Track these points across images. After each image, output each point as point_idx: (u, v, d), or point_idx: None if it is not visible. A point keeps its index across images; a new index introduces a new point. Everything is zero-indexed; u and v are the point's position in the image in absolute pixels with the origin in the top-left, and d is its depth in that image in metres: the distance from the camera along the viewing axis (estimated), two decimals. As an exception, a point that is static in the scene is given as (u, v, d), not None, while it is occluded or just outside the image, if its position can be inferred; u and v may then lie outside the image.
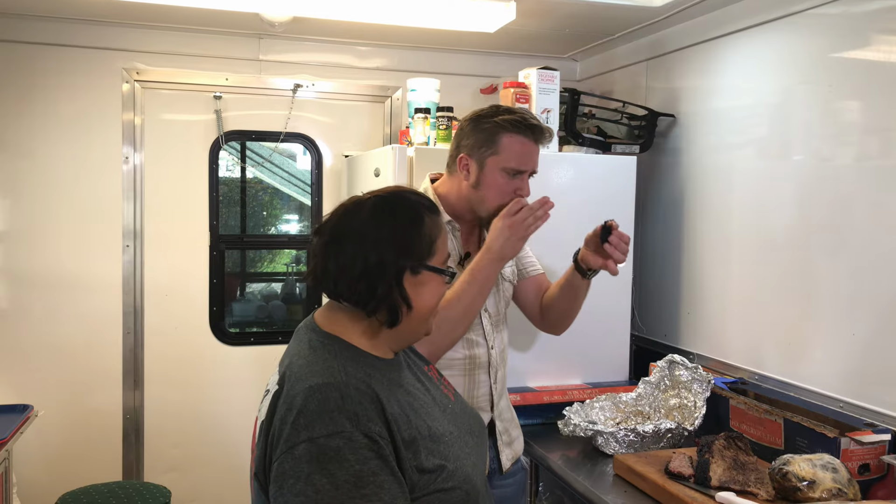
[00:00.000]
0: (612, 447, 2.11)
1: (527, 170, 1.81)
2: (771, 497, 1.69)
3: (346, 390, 1.08)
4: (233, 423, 3.23)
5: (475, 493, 1.18)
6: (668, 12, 2.61)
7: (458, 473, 1.16)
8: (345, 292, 1.18)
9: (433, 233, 1.22)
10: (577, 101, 2.76)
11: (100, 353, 3.08)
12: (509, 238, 1.72)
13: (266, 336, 3.41)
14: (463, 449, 1.22)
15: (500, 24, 2.68)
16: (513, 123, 1.78)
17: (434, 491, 1.12)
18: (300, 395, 1.08)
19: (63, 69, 2.98)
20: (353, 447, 1.03)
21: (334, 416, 1.04)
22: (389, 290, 1.17)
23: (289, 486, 1.02)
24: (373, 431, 1.05)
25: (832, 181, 2.11)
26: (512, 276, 2.00)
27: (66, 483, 2.84)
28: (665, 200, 2.86)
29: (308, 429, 1.04)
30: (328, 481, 1.00)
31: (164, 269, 3.16)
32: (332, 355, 1.15)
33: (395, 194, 1.25)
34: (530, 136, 1.78)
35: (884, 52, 1.96)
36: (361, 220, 1.19)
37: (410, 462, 1.10)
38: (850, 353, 2.05)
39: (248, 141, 3.32)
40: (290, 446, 1.04)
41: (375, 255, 1.16)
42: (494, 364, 1.90)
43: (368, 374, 1.14)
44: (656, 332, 2.91)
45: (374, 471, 1.03)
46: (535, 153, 1.82)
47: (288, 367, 1.17)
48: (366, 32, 3.09)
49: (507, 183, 1.79)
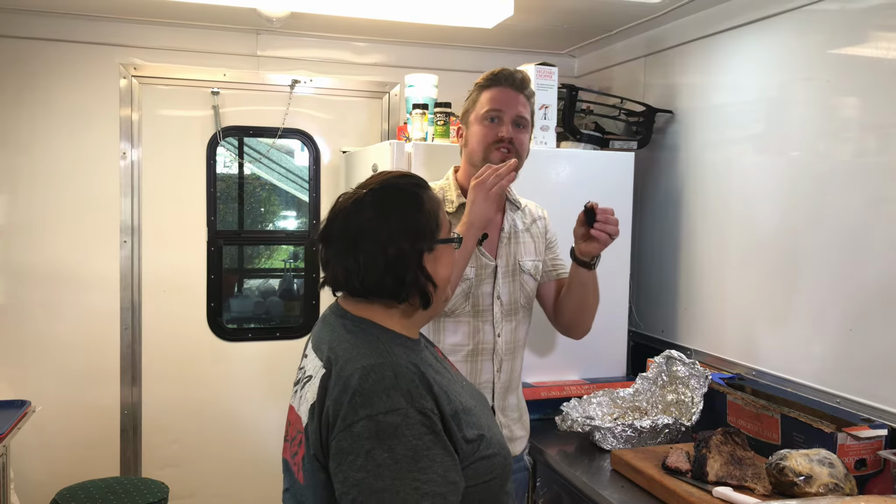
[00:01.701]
0: (609, 442, 2.11)
1: (502, 110, 1.84)
2: (768, 492, 1.70)
3: (399, 369, 1.13)
4: (231, 418, 3.24)
5: (510, 457, 1.27)
6: (666, 8, 2.61)
7: (494, 441, 1.22)
8: (374, 289, 1.22)
9: (433, 207, 1.27)
10: (574, 97, 2.76)
11: (97, 349, 3.07)
12: (475, 200, 1.77)
13: (264, 332, 3.41)
14: (489, 419, 1.29)
15: (498, 19, 2.68)
16: (485, 80, 1.89)
17: (479, 459, 1.17)
18: (355, 375, 1.11)
19: (60, 65, 2.97)
20: (409, 423, 1.08)
21: (391, 394, 1.09)
22: (416, 276, 1.22)
23: (349, 462, 1.07)
24: (426, 408, 1.10)
25: (830, 177, 2.11)
26: (533, 271, 1.98)
27: (64, 479, 2.85)
28: (663, 196, 2.87)
29: (366, 406, 1.08)
30: (389, 456, 1.05)
31: (161, 265, 3.16)
32: (375, 337, 1.20)
33: (388, 183, 1.27)
34: (502, 84, 1.85)
35: (882, 49, 1.96)
36: (369, 217, 1.21)
37: (457, 434, 1.15)
38: (847, 349, 2.05)
39: (246, 137, 3.31)
40: (348, 424, 1.08)
41: (394, 247, 1.20)
42: (500, 353, 1.90)
43: (409, 355, 1.19)
44: (654, 327, 2.91)
45: (428, 445, 1.08)
46: (512, 98, 1.86)
47: (331, 351, 1.20)
48: (364, 28, 3.09)
49: (488, 128, 1.85)
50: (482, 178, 1.77)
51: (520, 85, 1.86)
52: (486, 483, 1.19)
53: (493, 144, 1.83)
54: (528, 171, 2.46)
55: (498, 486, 1.22)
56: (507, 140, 1.82)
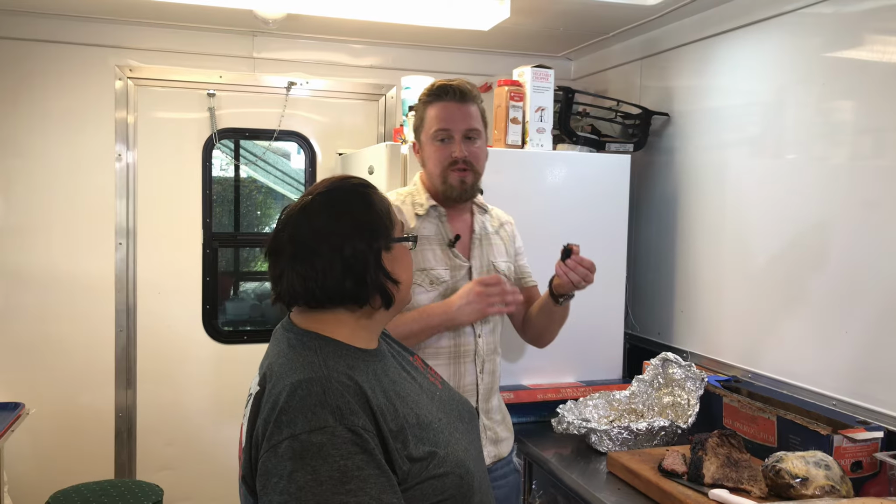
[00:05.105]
0: (605, 445, 2.11)
1: (451, 128, 1.83)
2: (764, 494, 1.70)
3: (329, 384, 1.07)
4: (225, 421, 3.23)
5: (469, 476, 1.17)
6: (661, 11, 2.61)
7: (449, 458, 1.15)
8: (335, 295, 1.17)
9: (384, 206, 1.24)
10: (571, 100, 2.76)
11: (92, 351, 3.06)
12: (469, 303, 1.77)
13: (259, 334, 3.39)
14: (454, 434, 1.22)
15: (494, 22, 2.68)
16: (427, 95, 1.86)
17: (427, 478, 1.10)
18: (283, 393, 1.06)
19: (56, 66, 2.96)
20: (336, 442, 1.01)
21: (316, 412, 1.03)
22: (377, 275, 1.18)
23: (272, 485, 1.01)
24: (356, 425, 1.04)
25: (825, 180, 2.12)
26: (507, 272, 2.00)
27: (58, 482, 2.83)
28: (659, 199, 2.87)
29: (290, 425, 1.02)
30: (312, 478, 0.99)
31: (157, 267, 3.15)
32: (313, 351, 1.14)
33: (335, 186, 1.23)
34: (444, 98, 1.83)
35: (876, 52, 1.97)
36: (321, 222, 1.17)
37: (400, 452, 1.08)
38: (843, 351, 2.05)
39: (242, 139, 3.31)
40: (272, 444, 1.03)
41: (349, 247, 1.15)
42: (481, 354, 1.90)
43: (351, 367, 1.13)
44: (650, 330, 2.91)
45: (359, 465, 1.01)
46: (458, 112, 1.83)
47: (268, 368, 1.15)
48: (360, 30, 3.09)
49: (440, 149, 1.84)
50: (486, 291, 1.77)
51: (462, 96, 1.83)
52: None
53: (449, 167, 1.84)
54: (524, 173, 2.49)
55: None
56: (461, 160, 1.83)
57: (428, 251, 1.86)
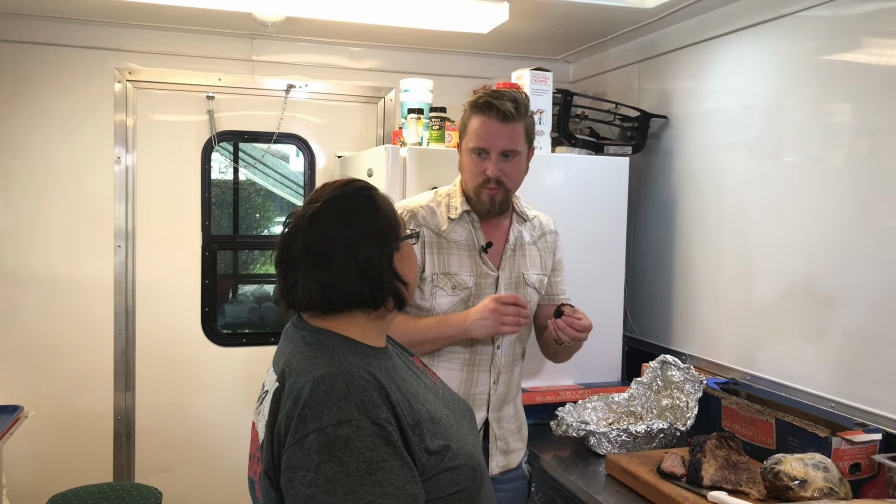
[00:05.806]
0: (604, 447, 2.11)
1: (488, 148, 1.79)
2: (763, 496, 1.70)
3: (351, 379, 1.09)
4: (224, 424, 3.22)
5: (481, 469, 1.21)
6: (660, 14, 2.62)
7: (462, 452, 1.18)
8: (353, 300, 1.19)
9: (387, 207, 1.26)
10: (569, 103, 2.77)
11: (91, 354, 3.06)
12: (485, 319, 1.75)
13: (258, 337, 3.39)
14: (461, 430, 1.24)
15: (492, 25, 2.69)
16: (474, 105, 1.81)
17: (443, 470, 1.13)
18: (306, 387, 1.08)
19: (55, 69, 2.97)
20: (362, 435, 1.04)
21: (341, 405, 1.05)
22: (390, 278, 1.20)
23: (299, 478, 1.03)
24: (380, 418, 1.06)
25: (823, 182, 2.12)
26: (538, 285, 1.96)
27: (57, 484, 2.82)
28: (657, 201, 2.87)
29: (316, 419, 1.04)
30: (339, 469, 1.01)
31: (155, 270, 3.15)
32: (330, 347, 1.16)
33: (340, 192, 1.23)
34: (488, 113, 1.77)
35: (874, 55, 1.97)
36: (333, 229, 1.18)
37: (418, 445, 1.11)
38: (842, 354, 2.05)
39: (241, 142, 3.31)
40: (298, 438, 1.04)
41: (363, 253, 1.17)
42: (498, 365, 1.88)
43: (367, 363, 1.15)
44: (648, 332, 2.92)
45: (384, 457, 1.04)
46: (498, 131, 1.77)
47: (286, 364, 1.16)
48: (359, 33, 3.09)
49: (475, 164, 1.81)
50: (503, 309, 1.74)
51: (506, 116, 1.76)
52: (452, 496, 1.15)
53: (482, 185, 1.81)
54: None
55: (465, 500, 1.17)
56: (494, 179, 1.80)
57: (454, 255, 1.84)
